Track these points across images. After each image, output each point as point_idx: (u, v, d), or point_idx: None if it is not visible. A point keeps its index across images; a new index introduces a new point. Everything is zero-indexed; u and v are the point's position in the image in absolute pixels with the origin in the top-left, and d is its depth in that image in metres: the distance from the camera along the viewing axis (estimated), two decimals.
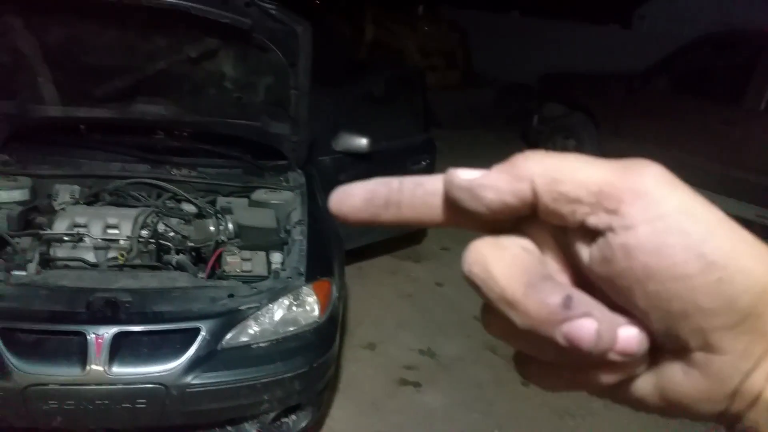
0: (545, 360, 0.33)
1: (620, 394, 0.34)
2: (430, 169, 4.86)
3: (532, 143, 8.08)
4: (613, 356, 0.29)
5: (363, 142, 4.14)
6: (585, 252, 0.30)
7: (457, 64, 11.36)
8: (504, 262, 0.30)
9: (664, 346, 0.30)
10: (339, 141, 4.20)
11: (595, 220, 0.29)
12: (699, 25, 8.50)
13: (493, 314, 0.32)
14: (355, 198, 0.34)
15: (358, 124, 4.31)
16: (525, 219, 0.32)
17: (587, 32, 11.05)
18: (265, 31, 2.79)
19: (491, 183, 0.30)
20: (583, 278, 0.31)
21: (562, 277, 0.32)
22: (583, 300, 0.28)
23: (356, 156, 4.22)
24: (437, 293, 4.57)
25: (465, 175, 0.31)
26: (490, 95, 10.67)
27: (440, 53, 11.09)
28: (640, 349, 0.30)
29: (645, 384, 0.32)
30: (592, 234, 0.30)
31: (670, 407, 0.32)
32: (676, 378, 0.31)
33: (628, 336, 0.29)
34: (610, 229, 0.28)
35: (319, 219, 3.22)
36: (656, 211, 0.28)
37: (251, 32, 2.76)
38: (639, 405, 0.34)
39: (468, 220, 0.32)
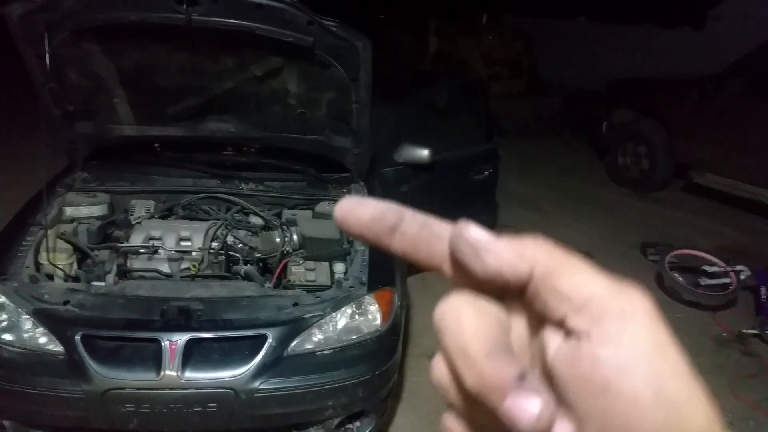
0: (478, 422, 0.34)
1: None
2: (493, 178, 4.85)
3: (601, 150, 7.91)
4: None
5: (424, 153, 4.18)
6: (553, 345, 0.31)
7: (522, 72, 11.23)
8: (476, 322, 0.31)
9: None
10: (400, 153, 4.25)
11: (575, 322, 0.30)
12: None
13: (445, 364, 0.33)
14: (364, 213, 0.35)
15: (421, 135, 4.35)
16: (510, 292, 0.33)
17: (658, 35, 10.73)
18: (326, 48, 2.86)
19: (496, 250, 0.31)
20: (539, 365, 0.33)
21: (522, 356, 0.34)
22: (534, 383, 0.29)
23: (418, 167, 4.26)
24: None
25: (475, 233, 0.32)
26: (556, 103, 10.51)
27: (504, 62, 11.00)
28: None
29: None
30: (566, 332, 0.31)
31: None
32: None
33: None
34: (587, 335, 0.29)
35: None
36: (634, 338, 0.29)
37: (313, 49, 2.84)
38: None
39: (460, 275, 0.33)
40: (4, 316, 2.56)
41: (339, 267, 3.11)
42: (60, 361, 2.47)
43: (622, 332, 0.29)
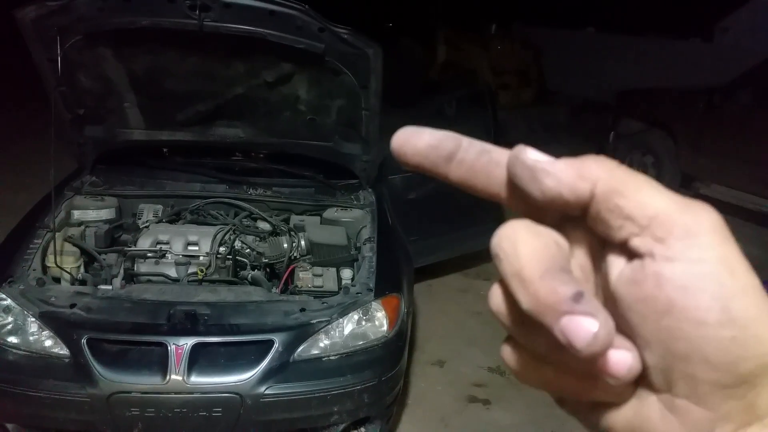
0: (533, 351, 0.33)
1: (591, 417, 0.34)
2: None
3: None
4: (600, 373, 0.29)
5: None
6: (616, 268, 0.31)
7: (531, 82, 11.25)
8: (533, 245, 0.30)
9: (652, 384, 0.31)
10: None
11: (639, 242, 0.29)
12: None
13: (503, 291, 0.32)
14: (421, 141, 0.34)
15: None
16: (570, 220, 0.32)
17: (665, 47, 10.72)
18: (337, 55, 2.87)
19: (555, 171, 0.30)
20: (603, 294, 0.32)
21: (584, 284, 0.32)
22: (592, 302, 0.28)
23: (425, 175, 4.25)
24: None
25: (532, 155, 0.31)
26: (564, 113, 10.51)
27: (513, 72, 11.02)
28: (628, 375, 0.30)
29: (619, 416, 0.33)
30: (630, 254, 0.30)
31: None
32: (653, 418, 0.31)
33: (621, 358, 0.29)
34: (651, 254, 0.29)
35: (389, 236, 3.28)
36: (700, 254, 0.28)
37: (324, 56, 2.85)
38: None
39: (518, 201, 0.32)
40: (10, 319, 2.56)
41: (346, 273, 3.10)
42: (65, 364, 2.47)
43: (687, 249, 0.28)
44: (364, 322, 2.74)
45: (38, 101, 2.98)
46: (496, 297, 0.33)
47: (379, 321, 2.76)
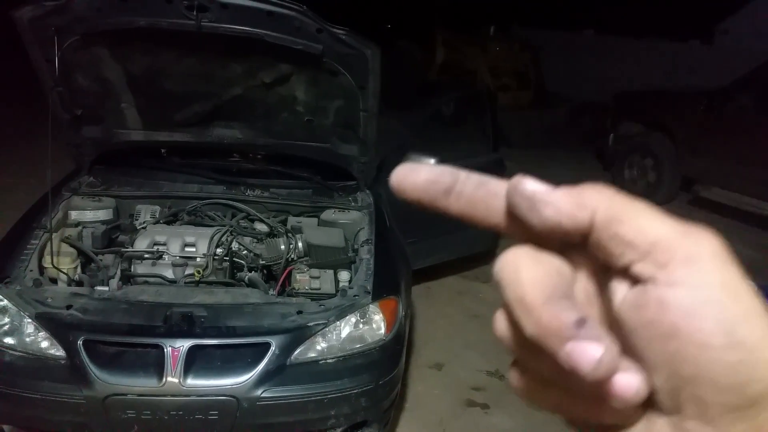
0: (540, 375, 0.34)
1: None
2: None
3: (607, 162, 7.90)
4: (607, 396, 0.30)
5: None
6: (619, 293, 0.31)
7: (529, 83, 11.24)
8: (535, 272, 0.30)
9: (660, 406, 0.31)
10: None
11: (641, 268, 0.29)
12: None
13: (507, 317, 0.33)
14: (419, 177, 0.35)
15: (427, 144, 4.35)
16: (572, 245, 0.32)
17: (665, 49, 10.73)
18: (335, 56, 2.86)
19: (553, 201, 0.30)
20: (608, 318, 0.32)
21: (587, 309, 0.33)
22: (595, 327, 0.28)
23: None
24: None
25: (531, 185, 0.31)
26: (563, 114, 10.50)
27: (512, 73, 11.01)
28: (636, 398, 0.30)
29: None
30: (632, 279, 0.30)
31: None
32: None
33: (628, 382, 0.30)
34: (653, 280, 0.29)
35: (387, 238, 3.27)
36: (703, 279, 0.28)
37: (322, 57, 2.84)
38: None
39: (519, 230, 0.32)
40: (6, 320, 2.55)
41: (344, 275, 3.09)
42: (61, 365, 2.45)
43: (690, 275, 0.28)
44: (361, 325, 2.73)
45: (35, 102, 2.97)
46: (500, 323, 0.34)
47: (376, 324, 2.75)
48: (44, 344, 2.49)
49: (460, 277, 5.01)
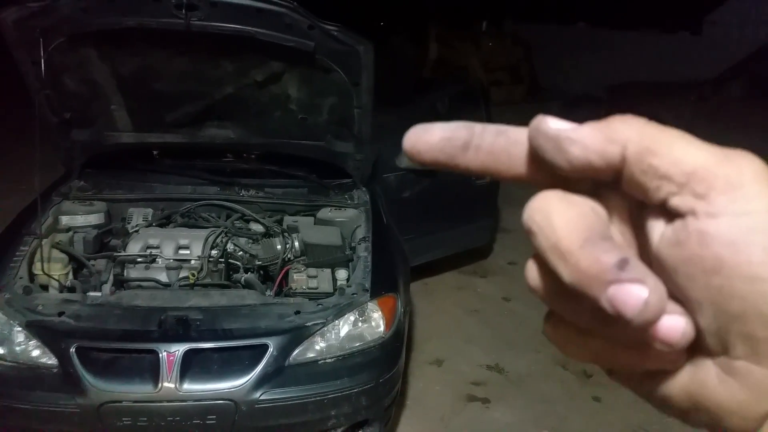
0: (578, 324, 0.31)
1: (645, 387, 0.33)
2: (494, 183, 4.81)
3: None
4: (651, 341, 0.28)
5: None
6: (657, 231, 0.29)
7: (522, 78, 11.25)
8: (568, 215, 0.28)
9: (707, 347, 0.29)
10: (402, 158, 4.18)
11: (679, 200, 0.27)
12: None
13: (539, 266, 0.31)
14: (433, 135, 0.32)
15: None
16: (603, 186, 0.31)
17: (656, 40, 10.76)
18: (328, 53, 2.82)
19: (580, 138, 0.28)
20: (646, 260, 0.30)
21: (627, 250, 0.30)
22: (639, 267, 0.26)
23: (420, 173, 4.22)
24: (505, 308, 4.49)
25: (554, 124, 0.29)
26: (556, 108, 10.50)
27: (504, 68, 11.03)
28: (682, 341, 0.28)
29: (674, 383, 0.31)
30: (670, 214, 0.28)
31: (697, 413, 0.30)
32: (711, 383, 0.29)
33: (674, 324, 0.28)
34: (693, 212, 0.27)
35: (384, 236, 3.24)
36: (746, 206, 0.26)
37: (314, 54, 2.80)
38: (662, 404, 0.32)
39: (546, 176, 0.31)
40: None
41: (341, 274, 3.05)
42: (54, 374, 2.40)
43: (732, 202, 0.26)
44: (360, 323, 2.69)
45: (27, 105, 2.92)
46: (532, 273, 0.32)
47: (375, 322, 2.71)
48: (35, 353, 2.44)
49: (458, 273, 4.99)
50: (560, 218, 0.28)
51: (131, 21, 2.65)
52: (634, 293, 0.26)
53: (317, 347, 2.59)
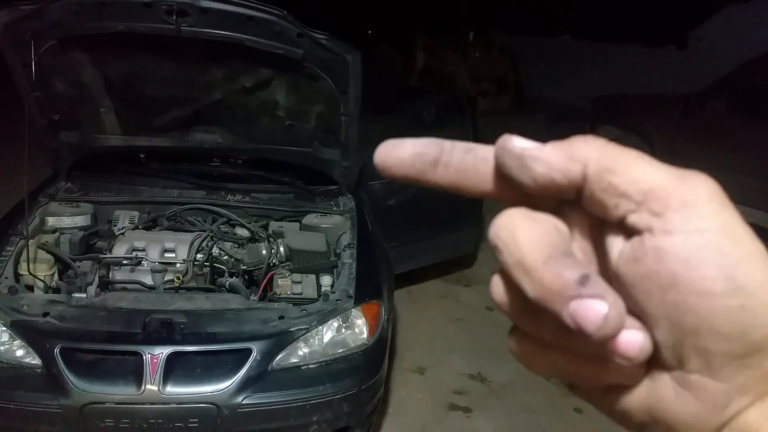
0: (541, 339, 0.32)
1: (605, 401, 0.34)
2: None
3: None
4: (611, 355, 0.29)
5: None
6: (616, 248, 0.30)
7: (508, 88, 11.34)
8: (532, 232, 0.29)
9: (663, 362, 0.30)
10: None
11: (636, 218, 0.28)
12: (759, 44, 8.28)
13: (505, 282, 0.32)
14: (403, 151, 0.33)
15: None
16: (566, 203, 0.32)
17: (641, 54, 10.89)
18: (316, 61, 2.86)
19: (543, 156, 0.29)
20: (606, 277, 0.31)
21: (587, 267, 0.31)
22: (599, 283, 0.27)
23: (413, 185, 4.25)
24: (488, 318, 4.53)
25: (519, 143, 0.30)
26: (542, 119, 10.60)
27: (491, 78, 11.11)
28: (640, 356, 0.29)
29: (633, 397, 0.32)
30: (628, 231, 0.29)
31: (655, 427, 0.31)
32: (667, 397, 0.30)
33: (632, 339, 0.29)
34: (649, 230, 0.28)
35: (369, 243, 3.27)
36: (699, 224, 0.27)
37: (303, 62, 2.84)
38: (622, 418, 0.33)
39: (511, 193, 0.32)
40: None
41: (326, 280, 3.08)
42: (37, 374, 2.41)
43: (686, 221, 0.28)
44: (343, 330, 2.71)
45: (12, 106, 2.92)
46: (497, 288, 0.33)
47: (359, 328, 2.74)
48: (19, 353, 2.44)
49: (442, 281, 5.02)
50: (525, 235, 0.29)
51: (122, 25, 2.67)
52: (594, 308, 0.27)
53: (300, 352, 2.62)
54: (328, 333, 2.67)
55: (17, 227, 2.93)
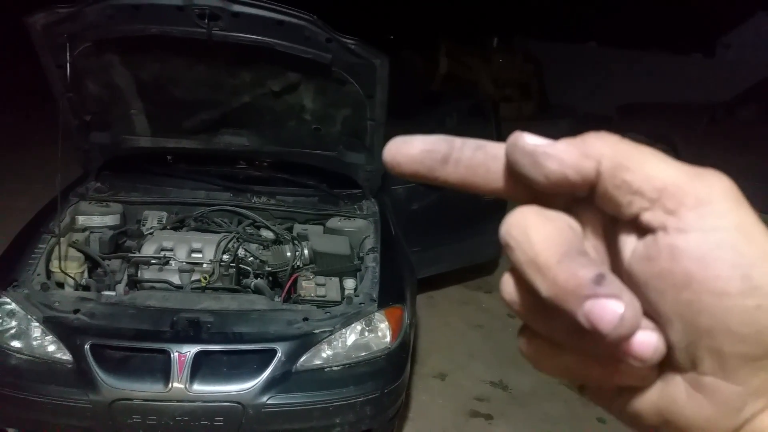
0: (552, 339, 0.32)
1: (615, 404, 0.33)
2: (501, 200, 4.86)
3: None
4: (624, 356, 0.28)
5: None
6: (629, 246, 0.30)
7: (532, 95, 11.29)
8: (545, 231, 0.29)
9: (676, 363, 0.29)
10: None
11: (650, 216, 0.28)
12: None
13: (516, 281, 0.31)
14: (413, 148, 0.33)
15: None
16: (578, 201, 0.31)
17: (668, 62, 10.78)
18: (344, 65, 2.88)
19: (556, 153, 0.29)
20: (619, 275, 0.30)
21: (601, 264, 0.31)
22: (615, 282, 0.27)
23: (429, 185, 4.26)
24: (509, 325, 4.52)
25: (531, 139, 0.30)
26: (566, 126, 10.54)
27: (514, 84, 11.06)
28: (654, 357, 0.29)
29: (644, 399, 0.32)
30: (642, 230, 0.29)
31: (666, 429, 0.31)
32: (680, 399, 0.30)
33: (646, 340, 0.28)
34: (663, 228, 0.28)
35: (392, 247, 3.28)
36: (715, 222, 0.27)
37: (331, 66, 2.87)
38: (633, 421, 0.33)
39: (522, 191, 0.31)
40: (14, 323, 2.56)
41: (349, 283, 3.10)
42: (68, 369, 2.46)
43: (701, 219, 0.27)
44: (366, 333, 2.73)
45: (40, 107, 2.98)
46: (508, 286, 0.32)
47: (382, 332, 2.76)
48: (51, 348, 2.50)
49: (463, 287, 5.02)
50: (538, 233, 0.29)
51: (154, 29, 2.72)
52: (611, 308, 0.26)
53: (324, 354, 2.64)
54: (351, 336, 2.69)
55: (49, 225, 2.99)
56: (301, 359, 2.59)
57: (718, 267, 0.27)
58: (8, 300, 2.58)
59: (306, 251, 3.23)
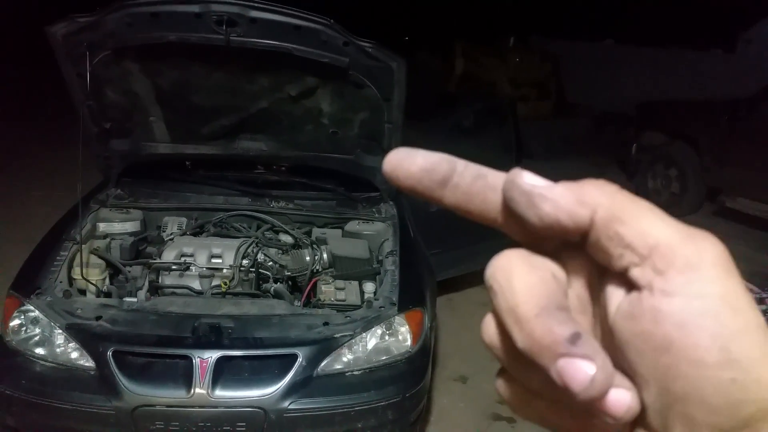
0: (528, 386, 0.32)
1: None
2: None
3: (630, 173, 7.84)
4: (597, 412, 0.28)
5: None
6: (614, 300, 0.30)
7: (550, 94, 11.21)
8: (528, 280, 0.29)
9: (649, 424, 0.29)
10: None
11: (639, 272, 0.28)
12: None
13: (496, 324, 0.31)
14: (414, 164, 0.32)
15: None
16: (568, 246, 0.31)
17: (687, 58, 10.65)
18: (361, 69, 2.88)
19: (552, 197, 0.29)
20: (601, 327, 0.31)
21: (580, 318, 0.31)
22: (590, 343, 0.27)
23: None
24: None
25: (529, 179, 0.30)
26: (584, 124, 10.46)
27: (532, 84, 10.99)
28: (627, 415, 0.28)
29: None
30: (629, 285, 0.29)
31: None
32: None
33: (620, 398, 0.28)
34: (650, 287, 0.27)
35: (411, 249, 3.27)
36: (701, 288, 0.27)
37: (348, 70, 2.86)
38: None
39: (515, 227, 0.31)
40: (38, 330, 2.59)
41: (369, 286, 3.10)
42: (91, 376, 2.48)
43: (688, 284, 0.27)
44: (387, 337, 2.72)
45: (61, 115, 3.01)
46: (489, 329, 0.32)
47: (402, 336, 2.75)
48: (74, 355, 2.52)
49: (483, 289, 4.79)
50: (520, 282, 0.29)
51: (173, 36, 2.74)
52: (582, 369, 0.26)
53: (345, 359, 2.63)
54: (371, 340, 2.69)
55: (70, 233, 3.02)
56: (322, 364, 2.59)
57: (698, 335, 0.26)
58: (32, 307, 2.61)
59: (325, 255, 3.23)
